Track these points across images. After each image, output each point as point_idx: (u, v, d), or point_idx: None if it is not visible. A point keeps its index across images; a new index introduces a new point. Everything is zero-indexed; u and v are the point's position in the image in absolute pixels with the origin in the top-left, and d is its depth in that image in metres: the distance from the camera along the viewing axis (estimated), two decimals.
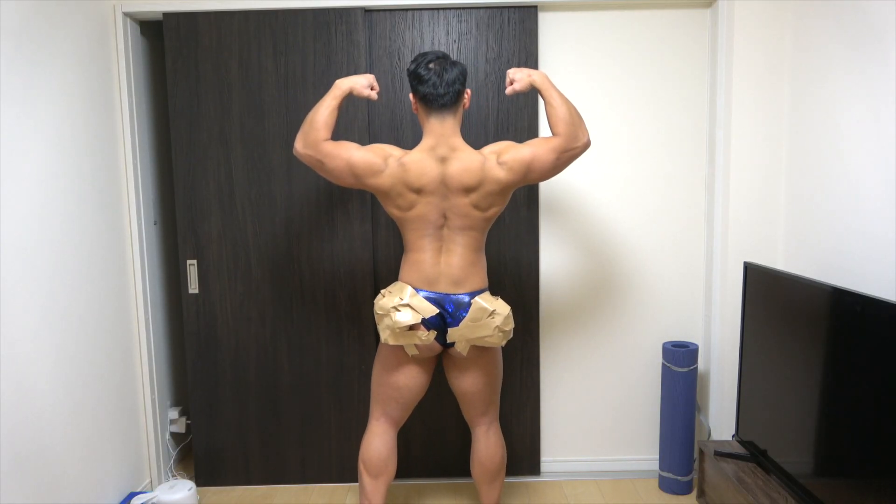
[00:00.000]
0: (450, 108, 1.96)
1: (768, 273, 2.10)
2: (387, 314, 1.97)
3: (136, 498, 2.46)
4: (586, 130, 2.01)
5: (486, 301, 1.99)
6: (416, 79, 1.96)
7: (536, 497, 2.64)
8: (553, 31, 2.62)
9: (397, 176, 1.93)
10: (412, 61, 1.98)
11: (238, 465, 2.78)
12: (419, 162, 1.93)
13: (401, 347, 2.05)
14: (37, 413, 2.01)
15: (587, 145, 2.00)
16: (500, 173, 1.94)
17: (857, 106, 2.00)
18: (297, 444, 2.77)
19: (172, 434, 2.90)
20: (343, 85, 2.00)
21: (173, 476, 2.85)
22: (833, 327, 1.75)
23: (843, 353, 1.71)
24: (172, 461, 2.88)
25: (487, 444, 2.19)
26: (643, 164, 2.68)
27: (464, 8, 2.57)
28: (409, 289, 2.00)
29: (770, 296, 2.08)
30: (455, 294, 2.00)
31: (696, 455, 2.71)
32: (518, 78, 2.03)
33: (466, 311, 1.98)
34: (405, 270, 2.05)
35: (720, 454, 2.28)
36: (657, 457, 2.82)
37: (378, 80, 2.59)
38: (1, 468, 1.84)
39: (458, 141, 1.98)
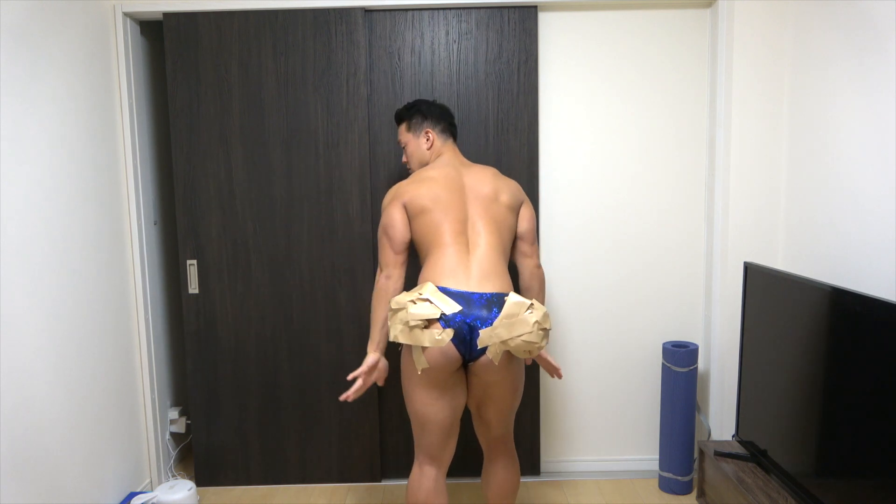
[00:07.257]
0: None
1: (768, 273, 2.10)
2: (402, 308, 1.79)
3: (136, 498, 2.46)
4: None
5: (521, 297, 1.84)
6: (446, 113, 2.16)
7: (536, 497, 2.64)
8: (553, 31, 2.62)
9: (418, 188, 1.96)
10: (414, 106, 2.15)
11: (238, 465, 2.78)
12: (436, 168, 2.03)
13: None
14: (37, 413, 2.01)
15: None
16: (509, 183, 2.05)
17: (857, 106, 2.00)
18: (297, 444, 2.77)
19: (172, 434, 2.90)
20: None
21: (173, 476, 2.85)
22: (833, 327, 1.75)
23: (843, 353, 1.70)
24: (172, 461, 2.88)
25: (507, 469, 2.03)
26: (643, 163, 2.68)
27: (464, 8, 2.57)
28: (431, 284, 1.83)
29: (770, 296, 2.08)
30: (485, 292, 1.81)
31: (696, 455, 2.71)
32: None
33: (497, 312, 1.79)
34: (426, 270, 1.90)
35: (720, 454, 2.28)
36: (657, 457, 2.82)
37: (378, 79, 2.60)
38: (1, 468, 1.84)
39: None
